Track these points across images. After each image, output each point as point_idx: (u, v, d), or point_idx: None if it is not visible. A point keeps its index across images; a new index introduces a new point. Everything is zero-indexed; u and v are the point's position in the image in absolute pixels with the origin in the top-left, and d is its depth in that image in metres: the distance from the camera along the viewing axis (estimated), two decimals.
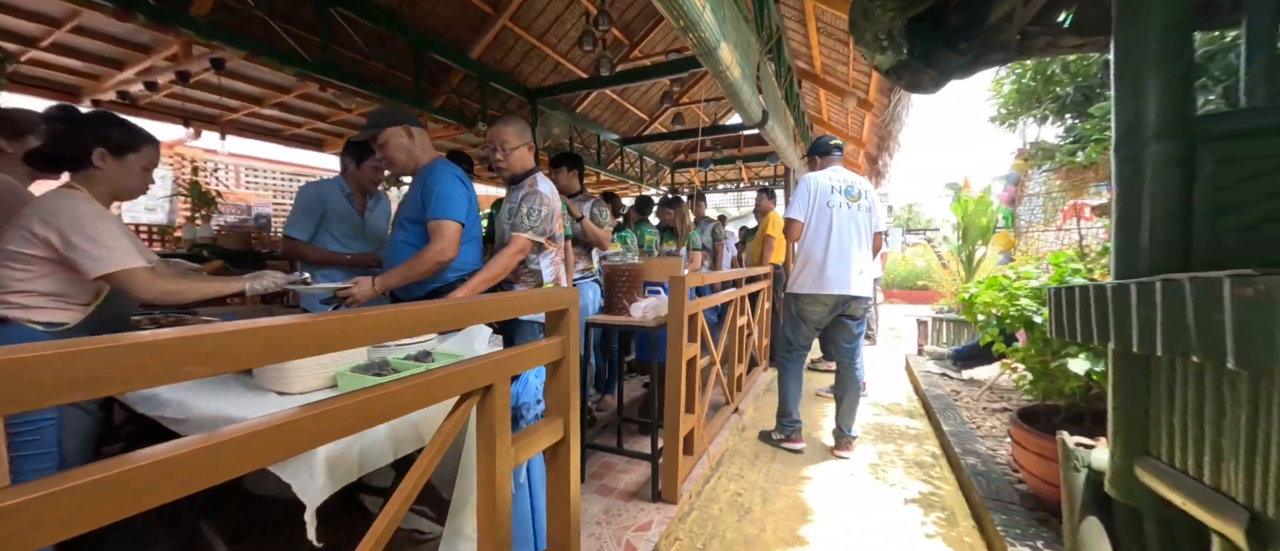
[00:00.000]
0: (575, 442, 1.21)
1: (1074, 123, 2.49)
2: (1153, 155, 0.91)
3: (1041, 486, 1.75)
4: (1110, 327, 0.84)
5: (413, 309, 0.76)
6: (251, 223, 6.19)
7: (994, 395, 3.22)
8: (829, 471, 2.40)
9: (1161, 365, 0.87)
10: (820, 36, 4.89)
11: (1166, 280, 0.70)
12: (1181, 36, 0.90)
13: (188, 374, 0.49)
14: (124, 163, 1.32)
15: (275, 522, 1.88)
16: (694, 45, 1.93)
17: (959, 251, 5.17)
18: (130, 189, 1.37)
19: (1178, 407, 0.82)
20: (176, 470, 0.49)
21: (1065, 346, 1.65)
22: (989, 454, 2.30)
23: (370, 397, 0.70)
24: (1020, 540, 1.59)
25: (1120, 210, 0.96)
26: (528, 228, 1.74)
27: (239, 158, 6.31)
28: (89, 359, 0.42)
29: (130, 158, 1.32)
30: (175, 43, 3.44)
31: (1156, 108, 0.92)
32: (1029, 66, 2.63)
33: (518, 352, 1.03)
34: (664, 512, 1.94)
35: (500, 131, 1.86)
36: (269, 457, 0.59)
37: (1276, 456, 0.64)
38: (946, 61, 1.32)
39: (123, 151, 1.31)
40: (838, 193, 2.50)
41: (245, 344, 0.54)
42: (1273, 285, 0.47)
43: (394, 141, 1.68)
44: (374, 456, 1.00)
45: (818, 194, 2.50)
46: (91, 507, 0.43)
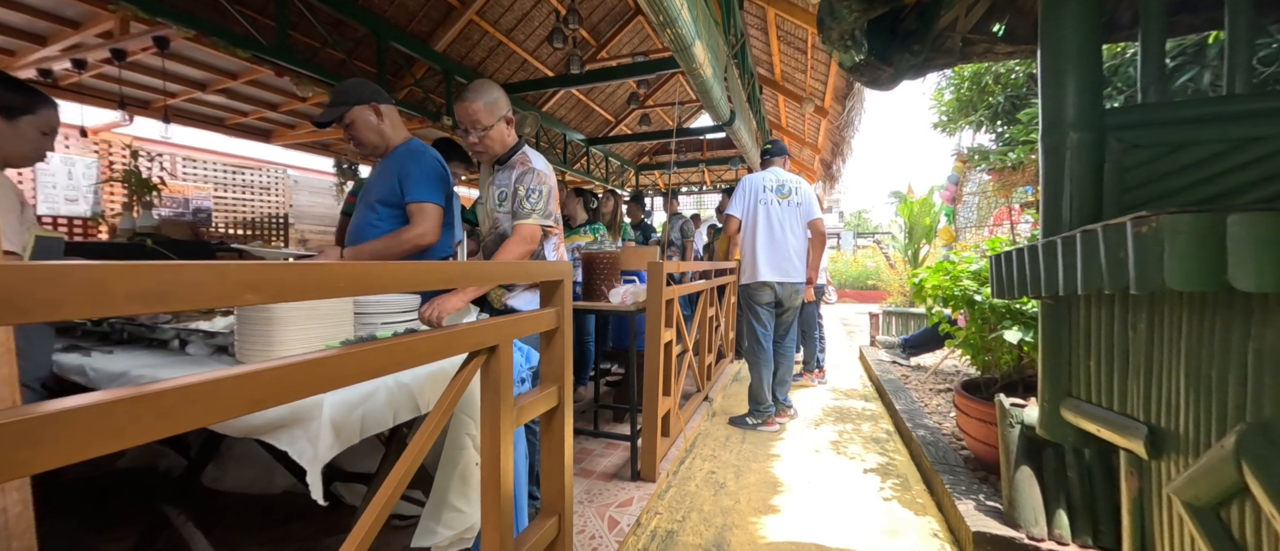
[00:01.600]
0: (568, 410, 1.26)
1: (1005, 129, 2.78)
2: (1072, 142, 1.08)
3: (982, 449, 1.95)
4: (1041, 279, 0.98)
5: (434, 266, 0.80)
6: (189, 217, 5.76)
7: (938, 378, 3.50)
8: (795, 449, 2.55)
9: (1079, 316, 1.03)
10: (780, 44, 5.15)
11: (1083, 230, 0.84)
12: (1092, 46, 1.08)
13: (247, 299, 0.51)
14: (16, 125, 1.22)
15: (239, 517, 1.80)
16: (671, 41, 2.02)
17: (905, 250, 5.56)
18: (21, 154, 1.27)
19: (1093, 351, 0.98)
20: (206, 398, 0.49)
21: (1001, 320, 1.86)
22: (936, 427, 2.52)
23: (391, 346, 0.73)
24: (965, 495, 1.77)
25: (1045, 186, 1.12)
26: (532, 212, 1.56)
27: (175, 147, 5.85)
28: (155, 274, 0.44)
29: (23, 120, 1.23)
30: (111, 18, 3.19)
31: (1074, 103, 1.08)
32: (966, 77, 2.92)
33: (520, 318, 1.07)
34: (644, 490, 2.00)
35: (469, 108, 1.55)
36: (303, 391, 0.60)
37: (1167, 377, 0.79)
38: (901, 61, 1.47)
39: (14, 113, 1.22)
40: (769, 190, 2.79)
41: (300, 276, 0.56)
42: (1162, 221, 0.60)
43: (362, 120, 1.57)
44: (374, 421, 1.02)
45: (752, 192, 2.79)
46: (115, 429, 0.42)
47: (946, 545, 1.67)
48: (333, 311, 1.22)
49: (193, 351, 1.31)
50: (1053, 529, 1.47)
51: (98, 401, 0.41)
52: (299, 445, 0.95)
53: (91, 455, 0.41)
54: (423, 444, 0.83)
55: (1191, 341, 0.73)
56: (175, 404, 0.46)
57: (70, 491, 1.98)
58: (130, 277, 0.41)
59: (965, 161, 3.71)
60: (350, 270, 0.65)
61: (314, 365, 0.60)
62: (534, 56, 5.94)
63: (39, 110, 1.24)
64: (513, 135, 1.66)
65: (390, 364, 0.73)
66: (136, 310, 0.42)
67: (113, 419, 0.42)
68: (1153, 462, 0.83)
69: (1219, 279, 0.58)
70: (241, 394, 0.52)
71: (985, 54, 1.59)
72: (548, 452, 1.25)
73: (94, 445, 0.41)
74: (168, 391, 0.46)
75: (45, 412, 0.38)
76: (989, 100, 2.91)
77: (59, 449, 0.39)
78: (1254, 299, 0.63)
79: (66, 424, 0.40)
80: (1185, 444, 0.75)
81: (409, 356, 0.76)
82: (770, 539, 1.73)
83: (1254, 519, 0.64)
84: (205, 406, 0.49)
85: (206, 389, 0.49)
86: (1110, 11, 1.42)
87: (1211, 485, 0.69)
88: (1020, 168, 2.75)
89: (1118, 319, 0.91)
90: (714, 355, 3.59)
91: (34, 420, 0.38)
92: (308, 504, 1.92)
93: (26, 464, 0.38)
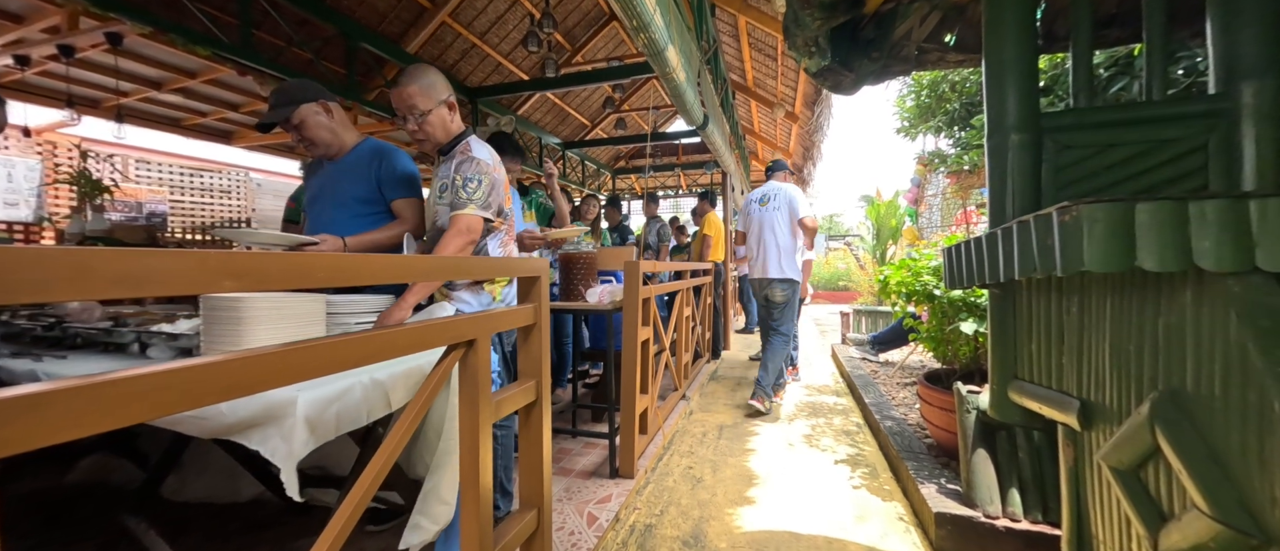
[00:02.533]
0: (546, 404, 1.28)
1: (961, 133, 2.95)
2: (1013, 142, 1.17)
3: (943, 435, 2.05)
4: (985, 267, 1.06)
5: (409, 260, 0.81)
6: (143, 221, 5.49)
7: (905, 373, 3.64)
8: (770, 443, 2.61)
9: (1022, 302, 1.11)
10: (752, 51, 5.29)
11: (1019, 221, 0.92)
12: (1029, 55, 1.17)
13: (226, 287, 0.52)
14: None
15: (203, 527, 1.74)
16: (645, 46, 2.07)
17: (873, 251, 5.76)
18: None
19: (1034, 334, 1.06)
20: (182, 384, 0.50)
21: (958, 313, 1.96)
22: (902, 418, 2.63)
23: (369, 337, 0.74)
24: (928, 480, 1.86)
25: (991, 182, 1.21)
26: (469, 201, 1.43)
27: (128, 148, 5.57)
28: (139, 259, 0.45)
29: None
30: (59, 13, 3.04)
31: (1014, 108, 1.18)
32: (925, 85, 3.08)
33: (497, 313, 1.09)
34: (622, 487, 2.03)
35: (403, 92, 1.43)
36: (282, 379, 0.61)
37: (1095, 353, 0.87)
38: (861, 67, 1.55)
39: None
40: (754, 202, 3.33)
41: (275, 265, 0.57)
42: (1082, 211, 0.68)
43: (312, 120, 1.53)
44: (349, 418, 1.01)
45: (746, 205, 3.36)
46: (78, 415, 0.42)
47: (911, 528, 1.76)
48: (304, 311, 1.21)
49: (154, 355, 1.27)
50: (1006, 507, 1.56)
51: (68, 386, 0.42)
52: (272, 444, 0.93)
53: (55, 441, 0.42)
54: (400, 438, 0.84)
55: (1114, 320, 0.81)
56: (147, 389, 0.47)
57: (18, 507, 1.87)
58: (113, 261, 0.42)
59: (926, 165, 3.89)
60: (329, 261, 0.66)
61: (289, 354, 0.61)
62: (508, 59, 5.92)
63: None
64: (457, 122, 1.54)
65: (368, 355, 0.73)
66: (119, 293, 0.43)
67: (88, 399, 0.42)
68: (1084, 433, 0.91)
69: (1129, 261, 0.66)
70: (216, 380, 0.53)
71: (938, 62, 1.69)
72: (526, 446, 1.27)
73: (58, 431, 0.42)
74: (141, 376, 0.46)
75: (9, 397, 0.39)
76: (946, 107, 3.07)
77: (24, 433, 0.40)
78: (1161, 279, 0.71)
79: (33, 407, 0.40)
80: (1111, 414, 0.83)
81: (387, 348, 0.77)
82: (746, 528, 1.78)
83: (1166, 477, 0.72)
84: (178, 392, 0.49)
85: (180, 375, 0.50)
86: (1047, 24, 1.54)
87: (1131, 449, 0.77)
88: (976, 170, 2.91)
89: (1054, 303, 0.99)
90: (690, 354, 3.65)
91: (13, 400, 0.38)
92: (274, 511, 1.87)
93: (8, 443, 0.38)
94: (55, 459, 2.09)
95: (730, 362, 4.83)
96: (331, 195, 1.63)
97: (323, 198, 1.65)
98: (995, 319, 1.18)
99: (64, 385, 0.41)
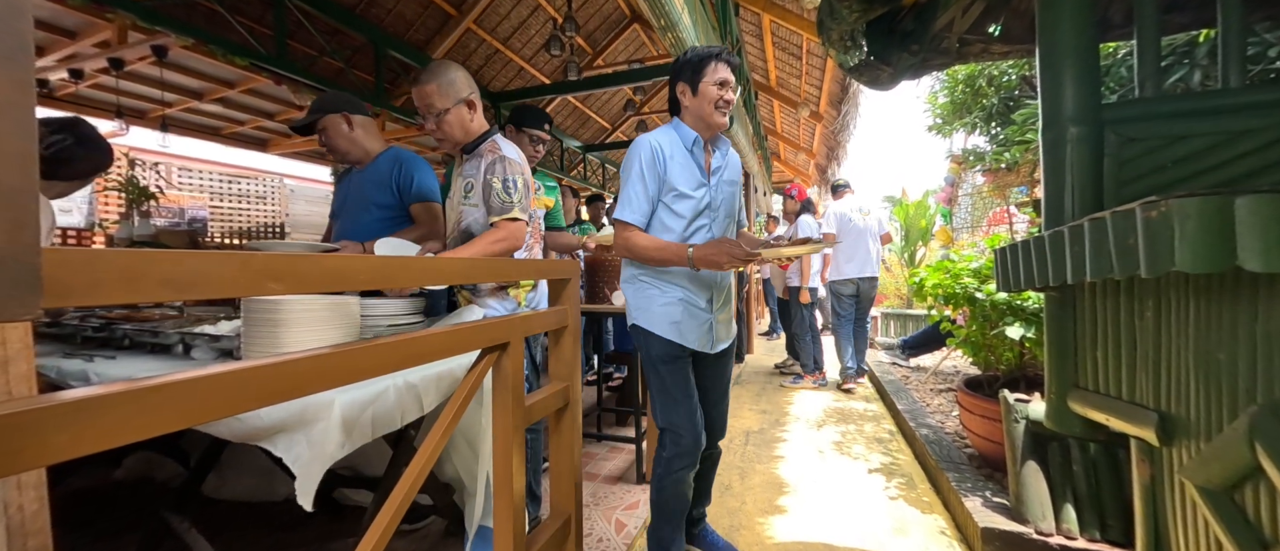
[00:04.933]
0: (577, 409, 1.26)
1: (999, 130, 2.83)
2: (1072, 136, 1.09)
3: (986, 445, 1.95)
4: (1048, 270, 0.99)
5: (449, 260, 0.80)
6: (185, 226, 5.73)
7: (938, 378, 3.51)
8: (798, 450, 2.54)
9: (1085, 306, 1.04)
10: (775, 50, 5.22)
11: (1091, 219, 0.85)
12: (1088, 42, 1.10)
13: (269, 289, 0.51)
14: (70, 185, 1.38)
15: (240, 526, 1.78)
16: (672, 45, 2.05)
17: (902, 252, 5.60)
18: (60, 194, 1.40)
19: (1100, 340, 0.99)
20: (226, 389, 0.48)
21: (1002, 317, 1.87)
22: (939, 425, 2.53)
23: (406, 341, 0.73)
24: (971, 492, 1.77)
25: (1047, 179, 1.14)
26: (513, 205, 1.39)
27: (171, 156, 5.83)
28: (186, 262, 0.44)
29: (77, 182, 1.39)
30: (108, 28, 3.19)
31: (1072, 98, 1.10)
32: (960, 80, 2.96)
33: (530, 316, 1.07)
34: (649, 493, 1.99)
35: (422, 90, 1.41)
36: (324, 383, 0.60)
37: (1177, 362, 0.80)
38: (900, 61, 1.49)
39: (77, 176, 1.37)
40: (856, 212, 3.81)
41: (316, 268, 0.56)
42: (1171, 206, 0.62)
43: (333, 128, 1.65)
44: (384, 421, 1.01)
45: (845, 214, 3.79)
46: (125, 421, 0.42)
47: (954, 542, 1.67)
48: (340, 315, 1.22)
49: (197, 356, 1.30)
50: (1060, 523, 1.47)
51: (113, 392, 0.41)
52: (296, 450, 0.93)
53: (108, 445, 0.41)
54: (438, 442, 0.83)
55: (1200, 326, 0.74)
56: (188, 396, 0.46)
57: (69, 502, 1.95)
58: (162, 264, 0.42)
59: (960, 163, 3.76)
60: (368, 264, 0.65)
61: (331, 358, 0.60)
62: (531, 64, 5.98)
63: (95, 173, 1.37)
64: (480, 121, 1.50)
65: (408, 358, 0.72)
66: (167, 296, 0.42)
67: (132, 408, 0.42)
68: (1164, 449, 0.84)
69: (1228, 260, 0.59)
70: (259, 385, 0.52)
71: (981, 54, 1.61)
72: (557, 452, 1.25)
73: (111, 435, 0.41)
74: (182, 383, 0.45)
75: (64, 401, 0.38)
76: (982, 102, 2.96)
77: (78, 438, 0.39)
78: (1261, 280, 0.64)
79: (86, 412, 0.39)
80: (1196, 428, 0.76)
81: (425, 351, 0.76)
82: (778, 539, 1.72)
83: (1269, 499, 0.65)
84: (222, 397, 0.49)
85: (225, 380, 0.49)
86: (1104, 10, 1.45)
87: (1224, 467, 0.70)
88: (1015, 168, 2.79)
89: (1124, 307, 0.92)
90: None
91: (54, 408, 0.38)
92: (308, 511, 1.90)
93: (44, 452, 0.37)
94: (104, 455, 2.17)
95: (754, 368, 4.75)
96: (357, 201, 1.70)
97: (349, 204, 1.73)
98: (1053, 324, 1.11)
99: (112, 391, 0.40)
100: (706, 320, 1.41)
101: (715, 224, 1.42)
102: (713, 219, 1.41)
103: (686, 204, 1.36)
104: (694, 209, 1.37)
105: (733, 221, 1.48)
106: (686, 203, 1.36)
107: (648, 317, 1.38)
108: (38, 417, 0.36)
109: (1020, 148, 2.35)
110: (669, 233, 1.38)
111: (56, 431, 0.37)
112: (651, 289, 1.40)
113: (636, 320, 1.41)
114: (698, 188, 1.38)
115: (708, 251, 1.27)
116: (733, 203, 1.48)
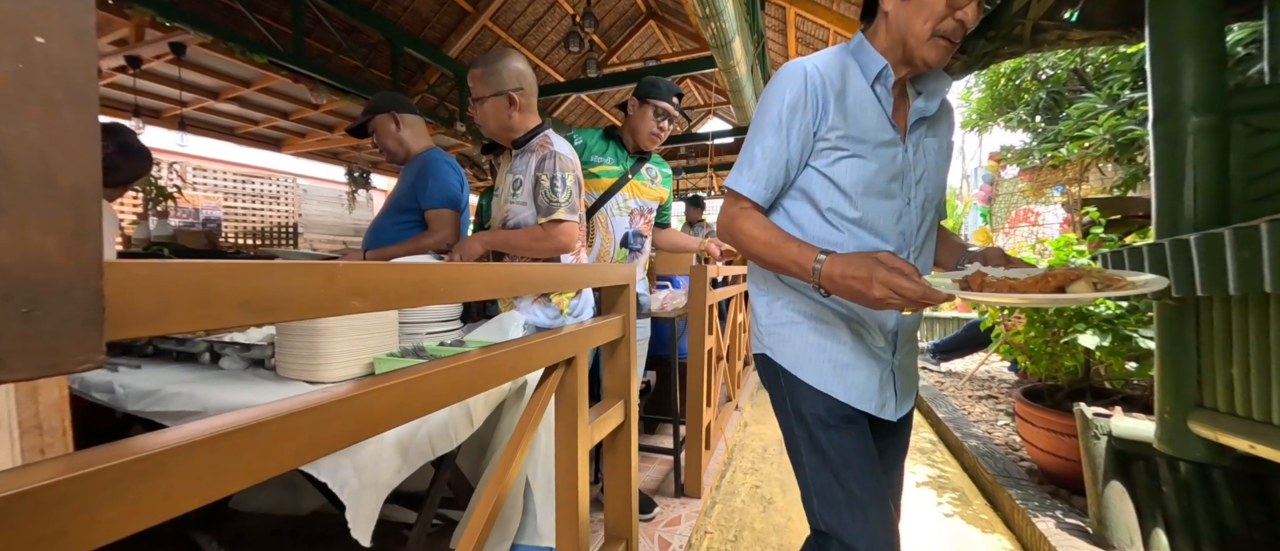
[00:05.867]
0: (634, 427, 1.16)
1: (1044, 127, 2.70)
2: (1192, 127, 0.98)
3: (1050, 460, 1.84)
4: (1170, 278, 0.89)
5: (522, 268, 0.71)
6: (198, 227, 5.70)
7: (975, 385, 3.39)
8: None
9: (1215, 319, 0.93)
10: (799, 45, 5.10)
11: (1236, 228, 0.75)
12: (1213, 21, 0.99)
13: (354, 307, 0.42)
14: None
15: (265, 542, 1.70)
16: (713, 35, 1.95)
17: None
18: None
19: (1237, 357, 0.88)
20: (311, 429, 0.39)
21: (1068, 325, 1.75)
22: (987, 436, 2.41)
23: (473, 362, 0.64)
24: (1039, 511, 1.66)
25: (1160, 177, 1.03)
26: (560, 205, 1.31)
27: (186, 156, 5.81)
28: (265, 277, 0.35)
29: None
30: (125, 25, 3.14)
31: (1192, 85, 0.99)
32: (1003, 74, 2.84)
33: (592, 328, 0.98)
34: (690, 507, 1.90)
35: (471, 73, 1.40)
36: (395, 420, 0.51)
37: None
38: (975, 48, 1.39)
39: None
40: None
41: (397, 281, 0.47)
42: None
43: (382, 128, 1.66)
44: (442, 439, 0.92)
45: None
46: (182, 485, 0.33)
47: None
48: (378, 323, 1.14)
49: (226, 365, 1.22)
50: (1150, 548, 1.36)
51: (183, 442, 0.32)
52: (341, 475, 0.85)
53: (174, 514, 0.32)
54: (512, 460, 0.74)
55: None
56: (278, 439, 0.37)
57: None
58: (237, 281, 0.32)
59: (999, 160, 3.63)
60: (446, 273, 0.56)
61: (416, 382, 0.51)
62: (545, 62, 5.91)
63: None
64: (522, 118, 1.40)
65: (482, 380, 0.64)
66: (245, 319, 0.33)
67: (206, 462, 0.32)
68: None
69: None
70: (347, 419, 0.43)
71: (1057, 42, 1.50)
72: (613, 471, 1.16)
73: (178, 499, 0.32)
74: (270, 423, 0.36)
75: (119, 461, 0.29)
76: (1026, 97, 2.83)
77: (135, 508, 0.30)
78: None
79: (149, 473, 0.30)
80: None
81: (497, 371, 0.67)
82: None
83: None
84: (308, 438, 0.40)
85: (308, 418, 0.40)
86: None
87: None
88: (1061, 166, 2.66)
89: (1273, 318, 0.81)
90: (741, 361, 3.49)
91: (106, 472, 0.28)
92: (334, 524, 1.82)
93: (92, 533, 0.28)
94: None
95: None
96: (389, 202, 1.71)
97: (387, 203, 1.73)
98: (1168, 336, 1.01)
99: (180, 440, 0.31)
100: (885, 366, 0.86)
101: (909, 211, 0.83)
102: (906, 202, 0.83)
103: (860, 171, 0.80)
104: (868, 180, 0.80)
105: (935, 212, 0.89)
106: (860, 169, 0.80)
107: (790, 352, 0.86)
108: (83, 487, 0.27)
109: (1076, 144, 2.24)
110: (820, 223, 0.83)
111: (109, 503, 0.28)
112: (793, 308, 0.87)
113: (774, 354, 0.89)
114: (882, 146, 0.81)
115: (850, 269, 0.68)
116: (939, 178, 0.89)
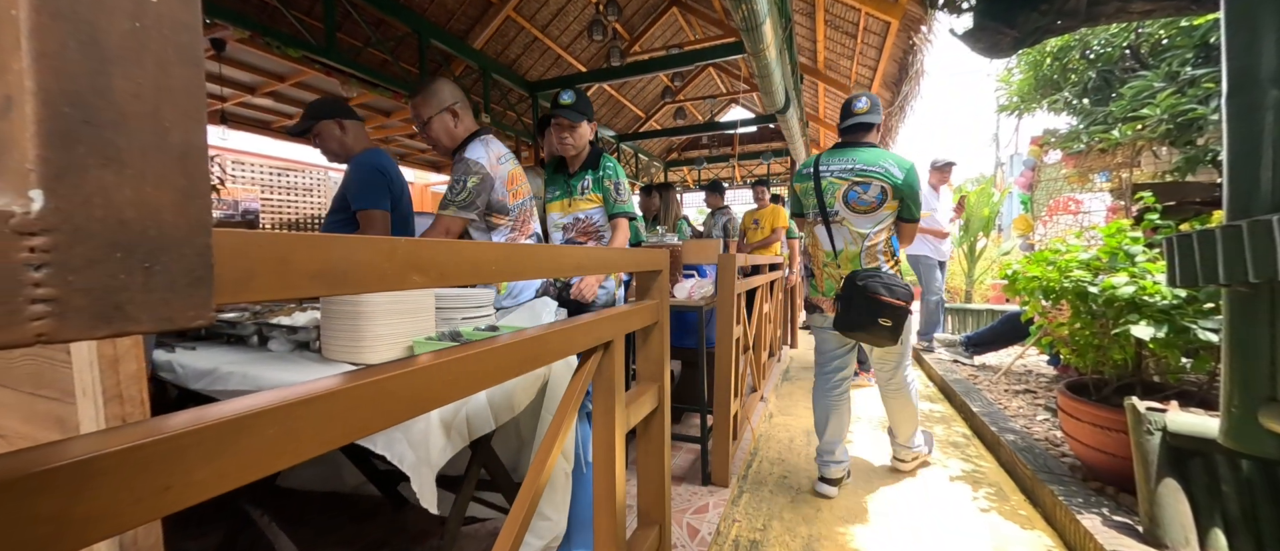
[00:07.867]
0: (666, 412, 1.16)
1: (1093, 108, 2.56)
2: (1272, 100, 0.91)
3: (1095, 456, 1.77)
4: (1247, 261, 0.83)
5: (567, 250, 0.71)
6: (238, 218, 5.93)
7: (1011, 378, 3.27)
8: (868, 453, 2.40)
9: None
10: (827, 29, 4.95)
11: None
12: None
13: (413, 281, 0.43)
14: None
15: (310, 516, 1.78)
16: (743, 18, 1.91)
17: (959, 243, 5.27)
18: None
19: None
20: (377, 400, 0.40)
21: (1119, 316, 1.67)
22: (1025, 430, 2.33)
23: (530, 340, 0.64)
24: (1084, 508, 1.59)
25: (1233, 155, 0.96)
26: (450, 202, 1.46)
27: (225, 149, 6.04)
28: (335, 249, 0.36)
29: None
30: None
31: (1272, 54, 0.92)
32: (1049, 53, 2.70)
33: (627, 312, 0.98)
34: (717, 496, 1.90)
35: (411, 103, 1.58)
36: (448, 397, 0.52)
37: None
38: (1027, 22, 1.32)
39: None
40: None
41: (453, 258, 0.48)
42: None
43: (326, 132, 1.71)
44: (480, 422, 0.94)
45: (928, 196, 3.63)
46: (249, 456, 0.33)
47: None
48: (417, 306, 1.16)
49: (274, 347, 1.27)
50: (1207, 549, 1.30)
51: (264, 407, 0.33)
52: (397, 449, 0.87)
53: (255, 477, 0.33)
54: (552, 447, 0.74)
55: None
56: (351, 408, 0.37)
57: None
58: (311, 252, 0.33)
59: (1042, 145, 3.46)
60: (498, 253, 0.57)
61: (468, 360, 0.51)
62: (568, 52, 5.89)
63: None
64: (462, 127, 1.56)
65: (529, 360, 0.64)
66: (316, 290, 0.33)
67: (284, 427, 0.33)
68: None
69: None
70: (404, 395, 0.44)
71: (1116, 14, 1.41)
72: (646, 457, 1.16)
73: (260, 463, 0.33)
74: (341, 393, 0.37)
75: (210, 422, 0.30)
76: (1073, 78, 2.69)
77: (223, 470, 0.31)
78: None
79: (235, 434, 0.31)
80: None
81: (544, 352, 0.68)
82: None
83: None
84: (373, 410, 0.40)
85: (378, 388, 0.40)
86: None
87: None
88: (1111, 149, 2.52)
89: None
90: (766, 352, 3.45)
91: (201, 432, 0.29)
92: (376, 503, 1.89)
93: (189, 491, 0.29)
94: None
95: (801, 362, 4.58)
96: (334, 199, 1.78)
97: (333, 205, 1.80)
98: (1240, 325, 0.94)
99: (260, 405, 0.32)
100: None
101: None
102: None
103: None
104: None
105: None
106: None
107: None
108: (181, 445, 0.28)
109: (1130, 125, 2.11)
110: None
111: (202, 462, 0.29)
112: None
113: None
114: None
115: None
116: None
